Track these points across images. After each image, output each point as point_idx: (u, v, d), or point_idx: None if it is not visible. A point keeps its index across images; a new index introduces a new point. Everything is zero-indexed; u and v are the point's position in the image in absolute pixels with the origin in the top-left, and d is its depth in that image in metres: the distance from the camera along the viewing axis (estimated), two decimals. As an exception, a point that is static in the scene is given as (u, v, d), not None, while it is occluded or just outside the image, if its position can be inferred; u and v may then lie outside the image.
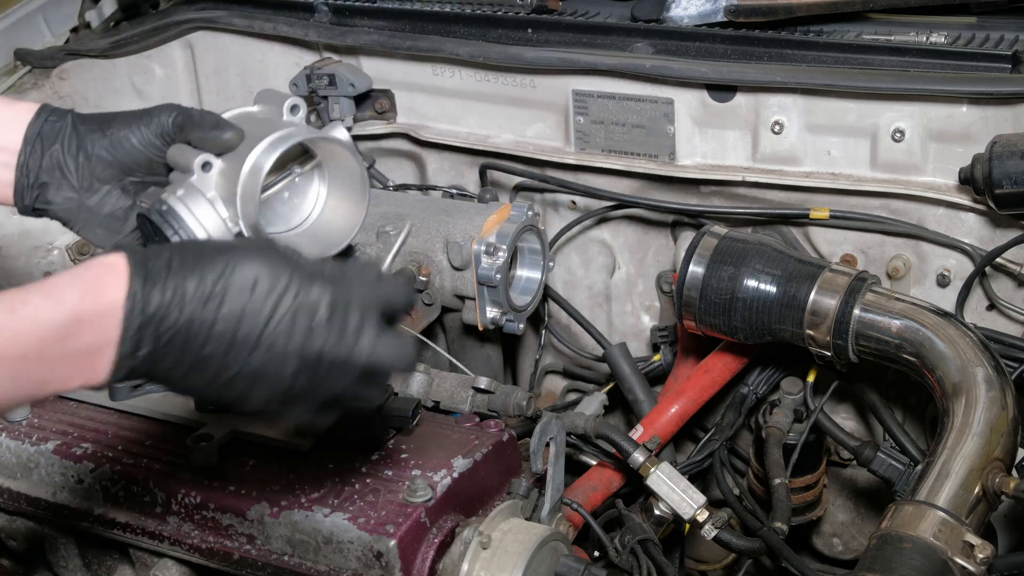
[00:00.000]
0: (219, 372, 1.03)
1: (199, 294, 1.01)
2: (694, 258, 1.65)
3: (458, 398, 1.66)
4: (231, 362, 1.03)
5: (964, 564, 1.25)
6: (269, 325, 1.03)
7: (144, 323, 0.99)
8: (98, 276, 0.99)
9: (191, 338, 1.01)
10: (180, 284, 1.01)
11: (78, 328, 0.97)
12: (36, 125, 1.21)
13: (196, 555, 1.36)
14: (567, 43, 1.93)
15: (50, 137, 1.21)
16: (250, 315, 1.03)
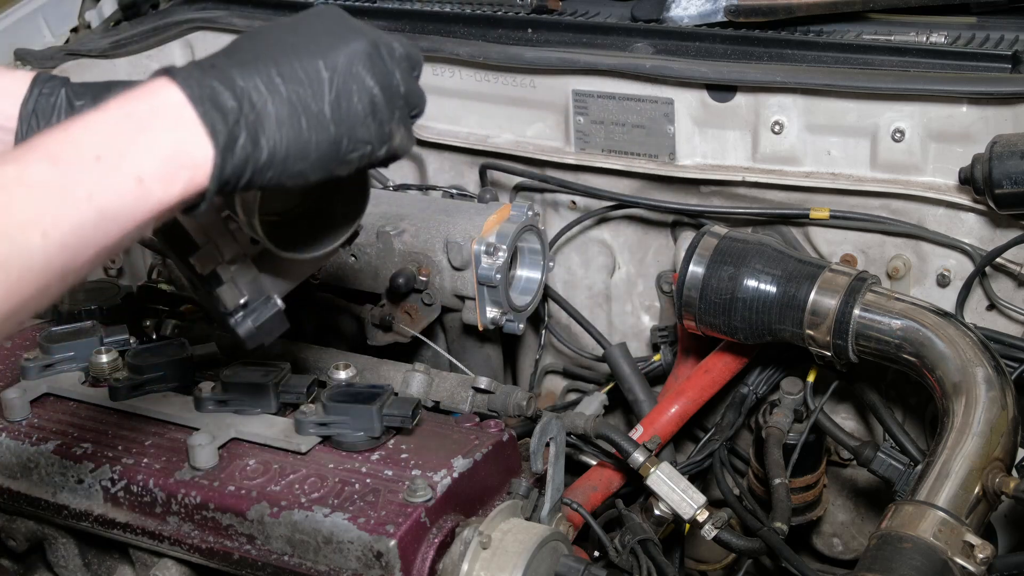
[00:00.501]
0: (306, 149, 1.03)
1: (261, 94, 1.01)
2: (694, 258, 1.65)
3: (458, 398, 1.66)
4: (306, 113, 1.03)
5: (964, 564, 1.25)
6: (327, 90, 1.04)
7: (226, 156, 0.98)
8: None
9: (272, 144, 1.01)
10: (256, 85, 1.01)
11: (149, 124, 0.96)
12: (31, 101, 1.18)
13: (196, 555, 1.36)
14: (567, 43, 1.93)
15: (46, 112, 1.18)
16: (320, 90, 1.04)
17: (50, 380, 1.55)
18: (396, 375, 1.67)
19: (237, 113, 0.99)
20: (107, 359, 1.53)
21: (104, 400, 1.51)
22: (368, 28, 1.12)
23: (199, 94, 0.98)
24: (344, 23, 1.11)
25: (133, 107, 0.97)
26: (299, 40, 1.08)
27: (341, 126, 1.06)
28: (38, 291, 0.88)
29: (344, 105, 1.06)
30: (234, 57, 1.03)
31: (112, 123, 0.95)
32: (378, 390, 1.42)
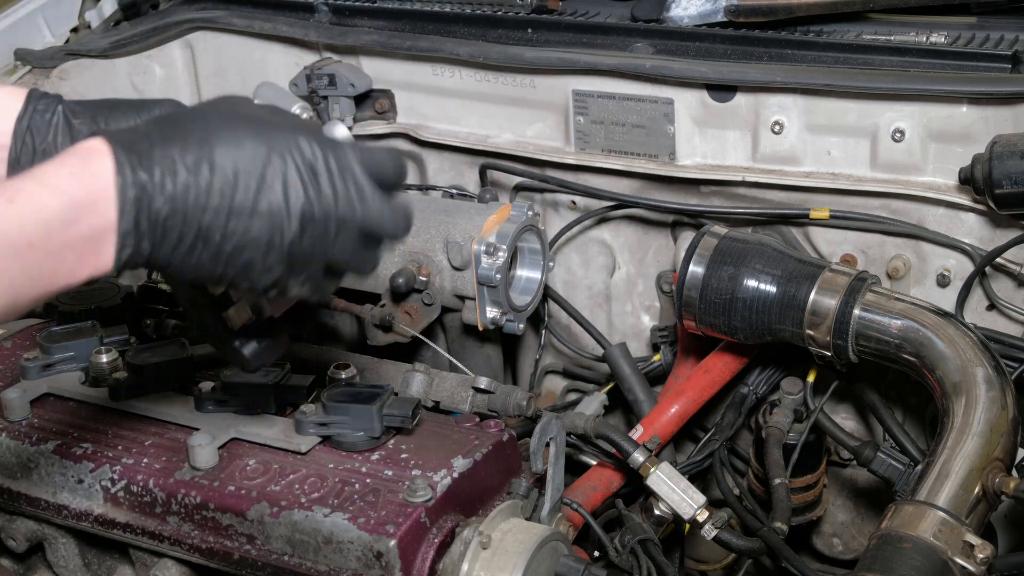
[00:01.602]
0: (222, 243, 1.03)
1: (187, 161, 1.00)
2: (694, 258, 1.65)
3: (458, 398, 1.66)
4: (233, 230, 1.03)
5: (964, 564, 1.25)
6: (265, 185, 1.03)
7: (138, 197, 0.99)
8: (84, 160, 0.98)
9: (189, 209, 1.01)
10: (166, 153, 1.00)
11: (76, 214, 0.97)
12: (25, 118, 1.15)
13: (196, 555, 1.36)
14: (567, 43, 1.93)
15: (41, 130, 1.15)
16: (244, 175, 1.02)
17: (50, 380, 1.55)
18: (396, 375, 1.67)
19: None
20: (107, 359, 1.53)
21: (104, 400, 1.51)
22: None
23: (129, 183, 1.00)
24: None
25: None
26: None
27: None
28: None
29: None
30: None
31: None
32: (378, 390, 1.42)
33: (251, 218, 1.03)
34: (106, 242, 0.99)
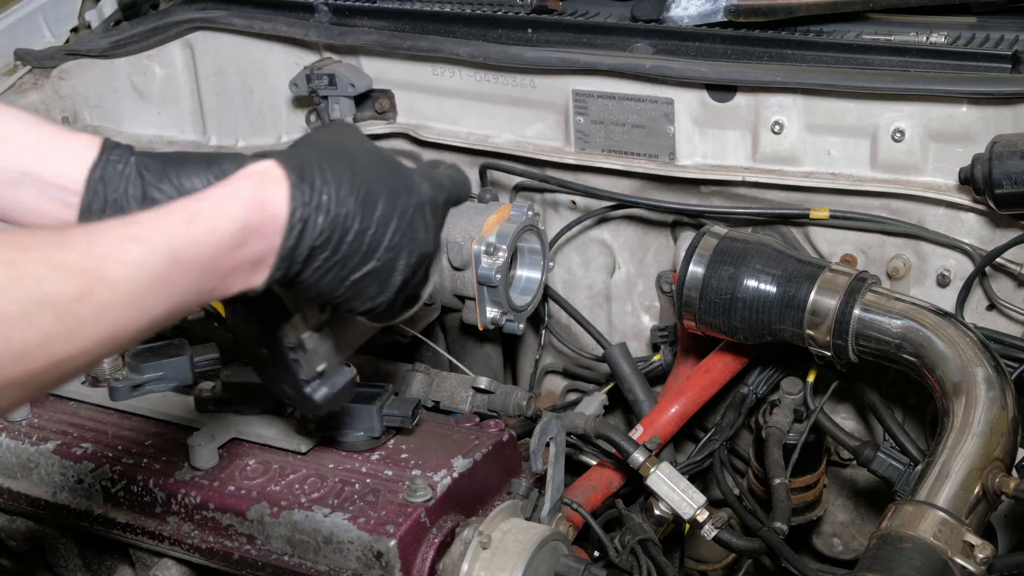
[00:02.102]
0: (353, 270, 1.13)
1: (342, 191, 1.10)
2: (694, 258, 1.65)
3: (458, 398, 1.66)
4: (365, 259, 1.13)
5: (964, 564, 1.25)
6: (398, 220, 1.15)
7: (304, 221, 1.07)
8: (259, 185, 1.06)
9: (335, 236, 1.10)
10: (326, 181, 1.09)
11: (247, 238, 1.03)
12: (99, 167, 1.15)
13: (196, 555, 1.36)
14: (567, 43, 1.93)
15: (113, 180, 1.15)
16: (383, 208, 1.13)
17: (50, 380, 1.55)
18: (396, 375, 1.67)
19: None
20: (107, 359, 1.53)
21: (104, 400, 1.51)
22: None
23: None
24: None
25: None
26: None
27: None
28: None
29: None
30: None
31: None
32: (378, 390, 1.42)
33: (382, 250, 1.14)
34: (266, 264, 1.07)
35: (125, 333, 0.93)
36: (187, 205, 1.02)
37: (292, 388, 1.28)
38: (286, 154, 1.10)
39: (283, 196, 1.06)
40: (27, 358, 0.84)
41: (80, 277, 0.88)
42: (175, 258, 0.96)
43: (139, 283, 0.93)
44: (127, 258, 0.92)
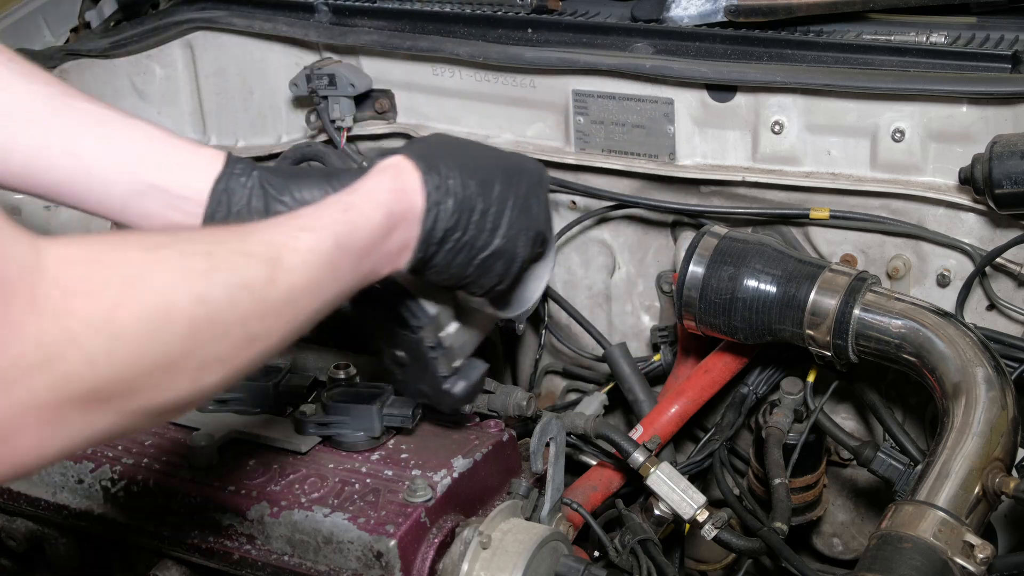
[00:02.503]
0: (479, 252, 1.24)
1: (465, 178, 1.21)
2: (694, 258, 1.65)
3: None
4: (488, 240, 1.24)
5: (964, 564, 1.25)
6: (509, 203, 1.25)
7: (436, 208, 1.18)
8: (396, 177, 1.17)
9: (462, 219, 1.21)
10: (450, 170, 1.20)
11: (394, 224, 1.15)
12: (223, 180, 1.20)
13: (196, 555, 1.36)
14: (567, 43, 1.93)
15: (237, 192, 1.21)
16: (501, 191, 1.24)
17: (50, 380, 1.55)
18: (396, 375, 1.67)
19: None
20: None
21: (104, 400, 1.51)
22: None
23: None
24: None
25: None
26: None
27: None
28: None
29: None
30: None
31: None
32: (378, 390, 1.42)
33: (504, 227, 1.25)
34: (409, 247, 1.18)
35: (305, 315, 1.02)
36: (340, 198, 1.13)
37: (431, 386, 1.37)
38: (410, 149, 1.21)
39: (417, 185, 1.18)
40: (229, 335, 0.92)
41: (267, 263, 0.97)
42: (339, 243, 1.06)
43: (313, 268, 1.02)
44: (301, 245, 1.02)
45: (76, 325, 0.80)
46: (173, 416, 0.93)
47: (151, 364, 0.85)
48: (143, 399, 0.86)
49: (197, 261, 0.91)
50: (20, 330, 0.77)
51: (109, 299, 0.82)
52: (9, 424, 0.78)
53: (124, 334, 0.82)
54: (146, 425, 0.91)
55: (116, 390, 0.84)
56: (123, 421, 0.86)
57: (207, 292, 0.90)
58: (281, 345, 1.00)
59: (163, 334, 0.85)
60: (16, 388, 0.77)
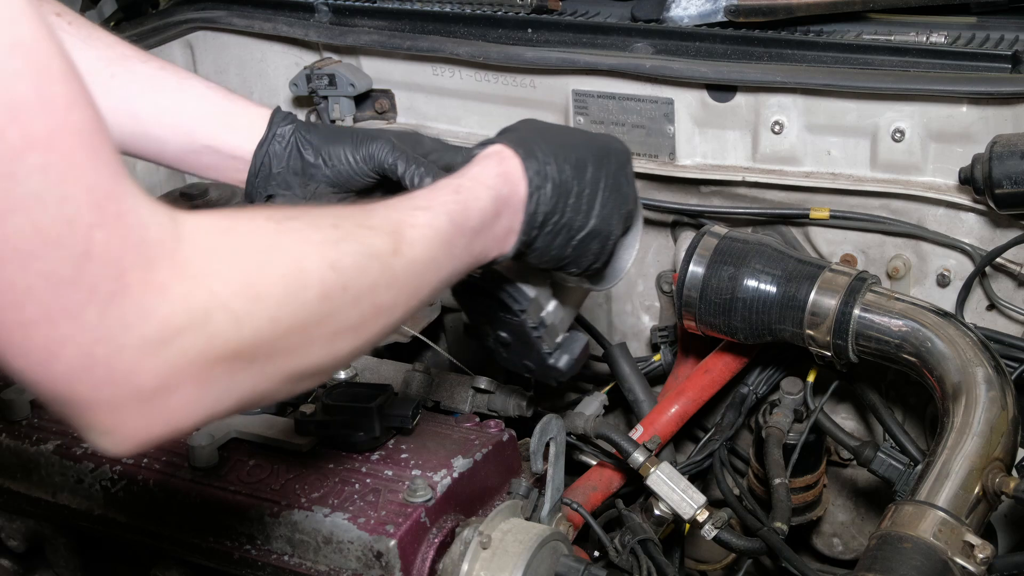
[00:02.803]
0: (576, 232, 1.28)
1: (559, 162, 1.24)
2: (694, 258, 1.65)
3: (458, 398, 1.66)
4: (584, 221, 1.28)
5: (964, 564, 1.25)
6: (601, 184, 1.29)
7: (537, 192, 1.22)
8: (500, 163, 1.21)
9: (560, 202, 1.24)
10: (547, 155, 1.23)
11: (501, 206, 1.18)
12: (264, 144, 1.30)
13: (196, 555, 1.36)
14: (567, 43, 1.93)
15: (276, 158, 1.30)
16: (594, 174, 1.28)
17: (50, 380, 1.55)
18: (396, 375, 1.67)
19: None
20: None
21: (104, 400, 1.51)
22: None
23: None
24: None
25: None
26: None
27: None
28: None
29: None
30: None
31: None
32: (378, 390, 1.42)
33: (598, 207, 1.28)
34: (514, 231, 1.21)
35: (425, 289, 1.06)
36: (451, 181, 1.17)
37: (535, 363, 1.42)
38: (508, 138, 1.25)
39: (519, 171, 1.21)
40: (360, 303, 0.95)
41: (390, 236, 1.01)
42: (454, 221, 1.10)
43: (431, 242, 1.06)
44: (418, 222, 1.05)
45: (220, 288, 0.83)
46: (309, 383, 0.95)
47: (289, 326, 0.88)
48: (282, 362, 0.89)
49: (325, 232, 0.95)
50: (166, 293, 0.79)
51: (248, 263, 0.86)
52: (163, 384, 0.81)
53: (265, 296, 0.86)
54: (283, 391, 0.93)
55: (258, 351, 0.86)
56: (263, 384, 0.89)
57: (338, 260, 0.93)
58: (403, 319, 1.04)
59: (300, 297, 0.89)
60: (168, 348, 0.80)
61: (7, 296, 0.74)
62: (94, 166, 0.77)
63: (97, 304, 0.76)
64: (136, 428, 0.82)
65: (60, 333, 0.76)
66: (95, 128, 0.78)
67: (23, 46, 0.73)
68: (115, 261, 0.77)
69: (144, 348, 0.79)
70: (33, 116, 0.73)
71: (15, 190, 0.72)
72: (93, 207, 0.76)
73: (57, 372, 0.77)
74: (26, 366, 0.77)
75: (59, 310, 0.75)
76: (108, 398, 0.79)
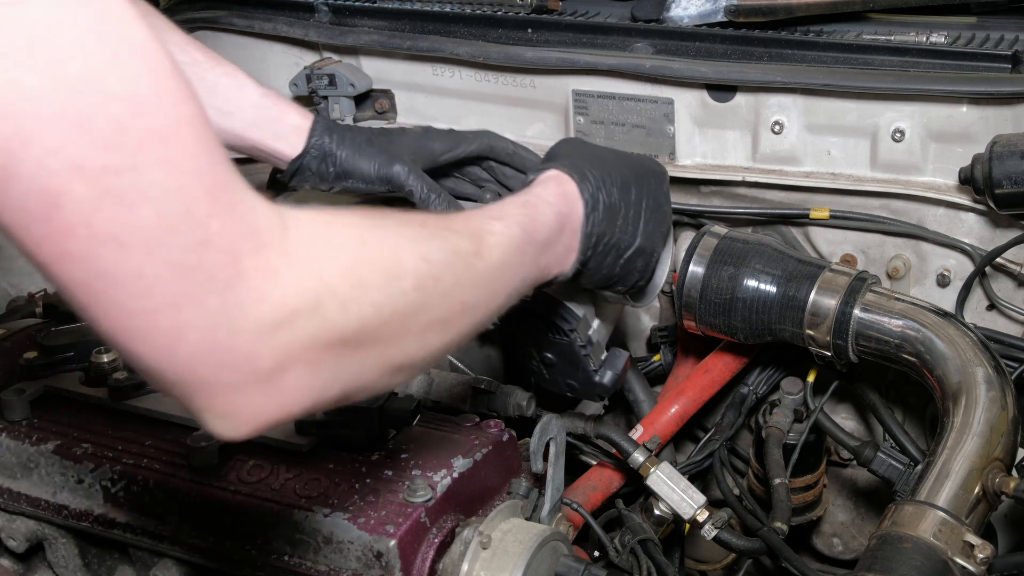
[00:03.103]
0: (624, 251, 1.36)
1: (608, 185, 1.33)
2: (694, 258, 1.65)
3: (458, 398, 1.66)
4: (631, 240, 1.36)
5: (964, 564, 1.25)
6: (644, 204, 1.38)
7: (592, 213, 1.30)
8: (558, 185, 1.29)
9: (609, 223, 1.33)
10: (597, 179, 1.32)
11: (563, 224, 1.26)
12: (298, 159, 1.48)
13: (196, 555, 1.36)
14: (567, 43, 1.93)
15: (310, 169, 1.49)
16: (637, 195, 1.37)
17: (50, 380, 1.55)
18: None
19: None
20: (107, 359, 1.53)
21: (104, 400, 1.51)
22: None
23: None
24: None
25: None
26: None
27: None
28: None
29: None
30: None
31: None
32: (378, 390, 1.41)
33: (642, 226, 1.37)
34: (573, 251, 1.29)
35: (502, 293, 1.11)
36: (517, 198, 1.25)
37: (580, 381, 1.51)
38: (560, 162, 1.32)
39: (576, 193, 1.29)
40: (448, 298, 1.00)
41: (472, 239, 1.07)
42: (525, 230, 1.17)
43: (507, 249, 1.12)
44: (495, 229, 1.12)
45: (327, 274, 0.87)
46: (401, 377, 0.99)
47: (390, 314, 0.92)
48: (382, 350, 0.93)
49: (414, 229, 1.00)
50: (279, 278, 0.83)
51: (350, 251, 0.91)
52: (278, 365, 0.84)
53: (367, 283, 0.90)
54: (380, 382, 0.97)
55: (362, 337, 0.90)
56: (365, 373, 0.93)
57: (428, 253, 0.98)
58: (482, 323, 1.09)
59: (397, 286, 0.94)
60: (284, 331, 0.83)
61: (135, 284, 0.78)
62: (206, 157, 0.81)
63: (217, 290, 0.80)
64: (252, 410, 0.85)
65: (184, 318, 0.79)
66: (203, 121, 0.82)
67: (138, 47, 0.78)
68: (231, 248, 0.81)
69: (261, 331, 0.82)
70: (152, 112, 0.78)
71: (140, 182, 0.77)
72: (208, 197, 0.80)
73: (181, 356, 0.81)
74: (151, 351, 0.81)
75: (183, 296, 0.79)
76: (228, 380, 0.83)
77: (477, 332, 1.08)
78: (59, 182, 0.75)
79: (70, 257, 0.77)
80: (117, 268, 0.78)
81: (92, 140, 0.75)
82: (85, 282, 0.79)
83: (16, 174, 0.74)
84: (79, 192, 0.75)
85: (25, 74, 0.73)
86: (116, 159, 0.76)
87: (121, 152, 0.76)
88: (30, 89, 0.73)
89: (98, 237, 0.77)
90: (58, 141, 0.74)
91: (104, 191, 0.76)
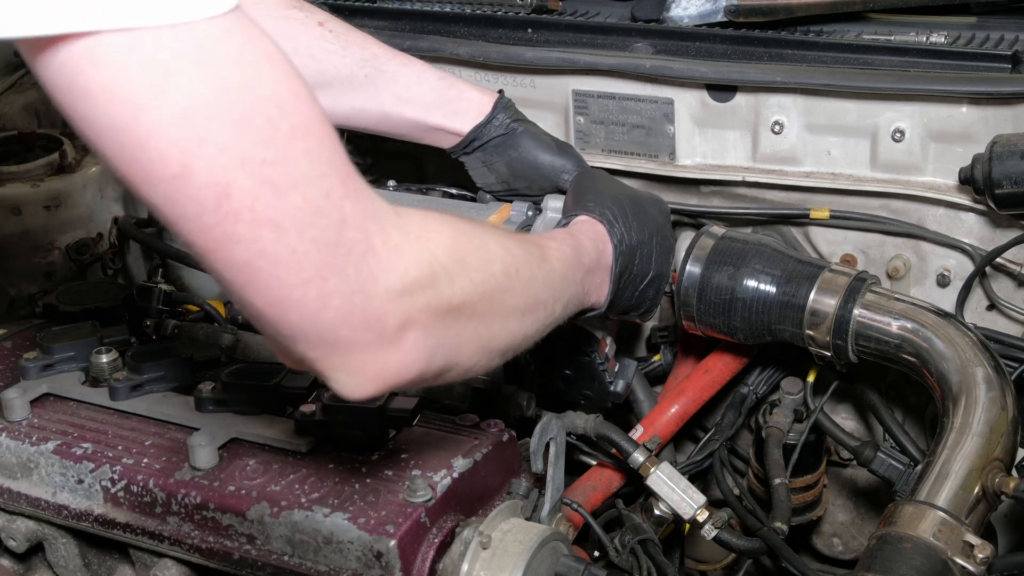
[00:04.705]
0: (640, 283, 1.53)
1: (632, 223, 1.50)
2: (693, 258, 1.65)
3: (458, 398, 1.65)
4: (645, 273, 1.53)
5: (964, 564, 1.25)
6: (655, 240, 1.54)
7: (620, 253, 1.47)
8: (592, 227, 1.47)
9: (632, 258, 1.50)
10: (622, 219, 1.49)
11: (599, 259, 1.43)
12: (481, 127, 1.66)
13: (196, 555, 1.36)
14: (567, 43, 1.93)
15: (490, 133, 1.67)
16: (651, 233, 1.54)
17: (50, 380, 1.55)
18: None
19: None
20: (107, 359, 1.53)
21: (104, 400, 1.51)
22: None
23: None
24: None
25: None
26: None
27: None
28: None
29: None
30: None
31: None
32: (378, 390, 1.41)
33: (655, 260, 1.54)
34: (606, 285, 1.46)
35: (562, 299, 1.26)
36: (560, 230, 1.45)
37: (596, 391, 1.69)
38: (587, 207, 1.49)
39: (606, 236, 1.46)
40: (528, 289, 1.16)
41: (538, 247, 1.24)
42: (575, 251, 1.34)
43: (564, 262, 1.28)
44: (551, 244, 1.29)
45: (438, 251, 1.02)
46: (487, 360, 1.15)
47: (484, 291, 1.08)
48: (477, 324, 1.08)
49: (491, 230, 1.18)
50: (401, 252, 0.98)
51: (450, 233, 1.05)
52: (402, 326, 0.98)
53: (467, 263, 1.06)
54: (472, 360, 1.12)
55: (464, 309, 1.05)
56: (463, 344, 1.07)
57: (510, 247, 1.14)
58: (548, 325, 1.24)
59: (489, 268, 1.09)
60: (405, 298, 0.98)
61: (290, 259, 0.90)
62: (336, 150, 0.94)
63: (354, 262, 0.94)
64: (377, 368, 0.99)
65: (330, 287, 0.93)
66: (326, 118, 0.94)
67: (273, 56, 0.90)
68: (362, 226, 0.94)
69: (390, 297, 0.96)
70: (293, 110, 0.90)
71: (290, 172, 0.89)
72: (341, 183, 0.94)
73: (326, 320, 0.94)
74: (301, 318, 0.93)
75: (328, 268, 0.92)
76: (363, 339, 0.96)
77: (541, 334, 1.21)
78: (229, 175, 0.86)
79: (236, 239, 0.89)
80: (275, 248, 0.90)
81: (252, 137, 0.87)
82: (248, 261, 0.90)
83: (193, 169, 0.86)
84: (244, 182, 0.87)
85: (199, 85, 0.84)
86: (271, 153, 0.88)
87: (275, 146, 0.88)
88: (203, 96, 0.84)
89: (259, 221, 0.88)
90: (227, 139, 0.86)
91: (263, 180, 0.87)
